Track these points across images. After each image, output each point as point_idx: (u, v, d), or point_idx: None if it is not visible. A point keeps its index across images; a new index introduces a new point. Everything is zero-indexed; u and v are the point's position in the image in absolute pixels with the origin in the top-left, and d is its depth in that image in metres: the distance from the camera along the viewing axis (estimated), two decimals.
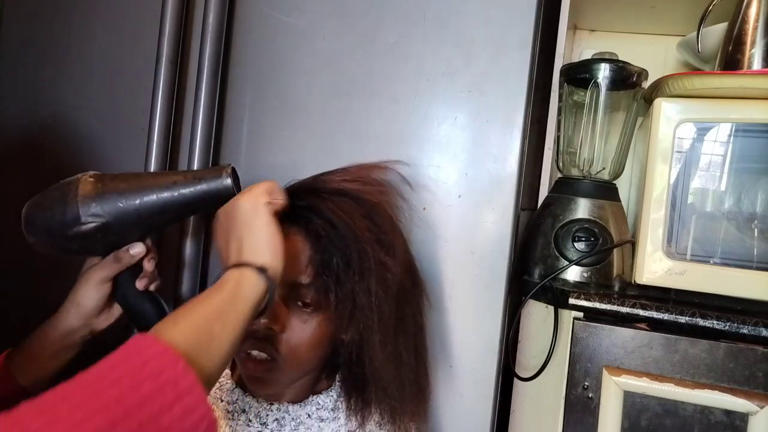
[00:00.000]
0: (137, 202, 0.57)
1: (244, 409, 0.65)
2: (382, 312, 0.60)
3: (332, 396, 0.67)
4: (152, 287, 0.65)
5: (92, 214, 0.56)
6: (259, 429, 0.64)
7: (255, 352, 0.60)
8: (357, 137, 0.78)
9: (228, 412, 0.66)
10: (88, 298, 0.62)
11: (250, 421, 0.64)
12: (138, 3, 0.85)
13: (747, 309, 0.70)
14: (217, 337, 0.45)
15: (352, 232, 0.60)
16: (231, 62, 0.82)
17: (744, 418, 0.65)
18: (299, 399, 0.66)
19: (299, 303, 0.61)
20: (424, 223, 0.76)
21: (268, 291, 0.51)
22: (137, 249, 0.61)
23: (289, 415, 0.65)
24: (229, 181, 0.58)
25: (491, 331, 0.74)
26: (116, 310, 0.65)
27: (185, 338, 0.43)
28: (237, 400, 0.65)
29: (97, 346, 0.65)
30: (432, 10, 0.76)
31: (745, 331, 0.66)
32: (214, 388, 0.67)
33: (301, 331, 0.60)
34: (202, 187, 0.57)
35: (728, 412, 0.66)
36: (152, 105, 0.78)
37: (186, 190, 0.57)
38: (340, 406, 0.67)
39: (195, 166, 0.78)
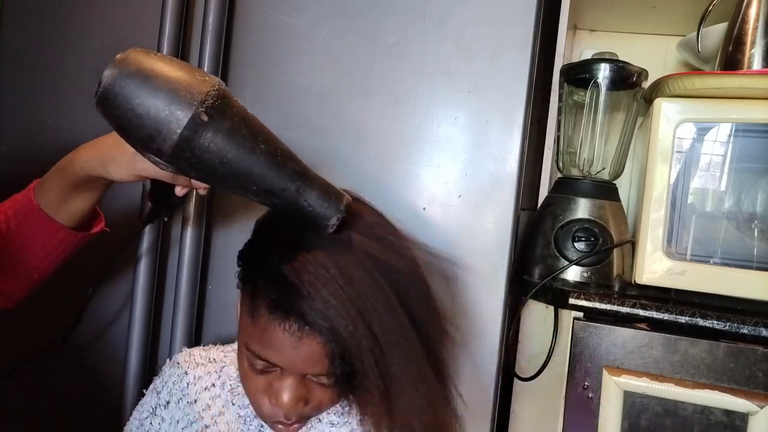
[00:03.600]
0: (231, 170, 0.47)
1: (257, 415, 0.65)
2: (405, 380, 0.55)
3: (343, 401, 0.66)
4: (182, 192, 0.61)
5: (177, 161, 0.46)
6: None
7: (286, 425, 0.59)
8: (357, 137, 0.78)
9: (240, 416, 0.65)
10: (119, 175, 0.57)
11: (262, 426, 0.64)
12: (138, 3, 0.85)
13: (747, 309, 0.70)
14: None
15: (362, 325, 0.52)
16: (231, 62, 0.82)
17: (744, 418, 0.65)
18: None
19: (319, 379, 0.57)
20: (424, 223, 0.76)
21: None
22: (200, 185, 0.57)
23: None
24: (335, 219, 0.50)
25: (491, 331, 0.74)
26: (138, 179, 0.59)
27: None
28: (248, 405, 0.65)
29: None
30: (432, 10, 0.76)
31: (745, 331, 0.66)
32: (227, 392, 0.67)
33: (323, 397, 0.58)
34: (306, 202, 0.49)
35: (728, 412, 0.66)
36: None
37: (285, 195, 0.49)
38: (350, 411, 0.65)
39: None
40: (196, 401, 0.66)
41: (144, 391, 0.71)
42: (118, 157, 0.56)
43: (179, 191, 0.59)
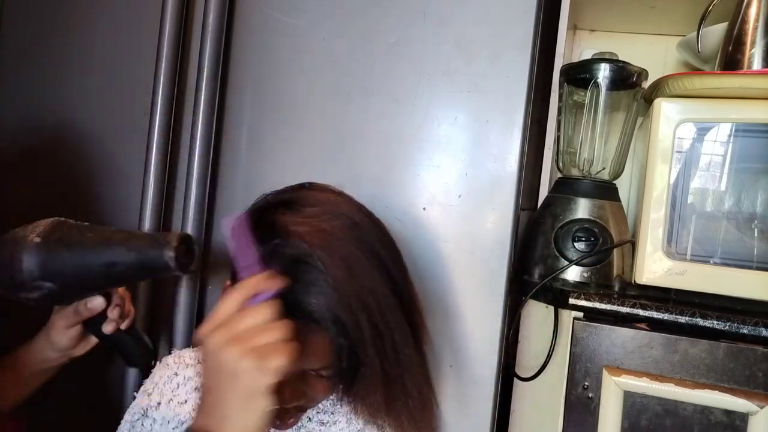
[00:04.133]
0: (79, 270, 0.55)
1: None
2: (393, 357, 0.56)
3: (332, 399, 0.66)
4: (123, 326, 0.64)
5: (36, 284, 0.55)
6: None
7: (282, 417, 0.60)
8: (357, 137, 0.78)
9: None
10: (60, 340, 0.63)
11: None
12: (138, 3, 0.85)
13: (747, 309, 0.70)
14: None
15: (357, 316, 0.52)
16: (231, 62, 0.82)
17: (744, 418, 0.65)
18: None
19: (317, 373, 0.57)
20: (424, 223, 0.76)
21: None
22: (94, 303, 0.60)
23: None
24: (171, 259, 0.53)
25: (491, 331, 0.74)
26: (93, 339, 0.66)
27: None
28: None
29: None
30: (432, 10, 0.76)
31: (745, 331, 0.66)
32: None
33: (321, 388, 0.58)
34: (141, 262, 0.54)
35: (728, 412, 0.66)
36: (152, 105, 0.78)
37: (125, 266, 0.55)
38: (339, 410, 0.66)
39: (195, 166, 0.78)
40: (186, 401, 0.66)
41: (135, 394, 0.71)
42: (52, 328, 0.63)
43: (106, 328, 0.63)
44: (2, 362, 0.64)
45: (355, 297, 0.51)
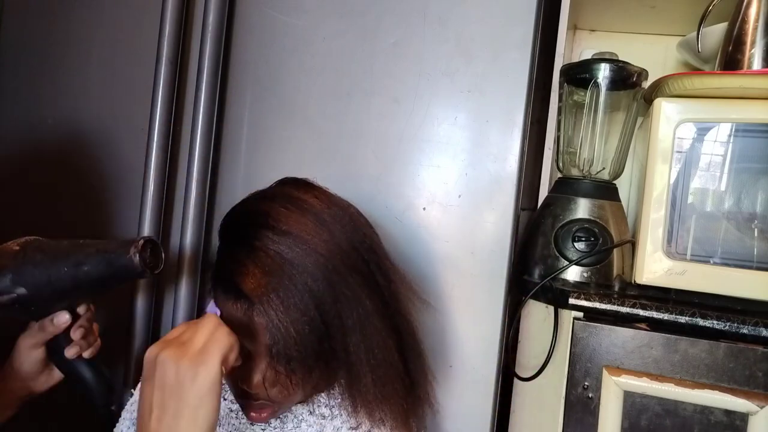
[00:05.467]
0: (50, 275, 0.56)
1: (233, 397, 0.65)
2: (365, 351, 0.57)
3: (334, 393, 0.66)
4: (87, 354, 0.63)
5: (7, 286, 0.56)
6: (263, 427, 0.64)
7: (254, 405, 0.59)
8: (357, 137, 0.78)
9: (231, 411, 0.66)
10: (23, 362, 0.63)
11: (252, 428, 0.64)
12: (138, 3, 0.85)
13: (747, 309, 0.70)
14: None
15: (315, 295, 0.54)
16: (231, 62, 0.82)
17: (744, 418, 0.65)
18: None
19: (283, 362, 0.57)
20: (424, 223, 0.76)
21: None
22: (60, 319, 0.61)
23: (292, 412, 0.65)
24: (136, 259, 0.55)
25: (491, 331, 0.74)
26: (56, 374, 0.65)
27: None
28: None
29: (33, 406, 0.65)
30: (432, 10, 0.76)
31: (745, 331, 0.66)
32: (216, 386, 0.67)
33: (294, 380, 0.57)
34: (110, 264, 0.55)
35: (728, 412, 0.66)
36: (152, 105, 0.78)
37: (96, 267, 0.56)
38: (341, 404, 0.66)
39: (195, 166, 0.78)
40: None
41: (132, 391, 0.71)
42: (15, 352, 0.63)
43: (69, 352, 0.62)
44: None
45: (292, 286, 0.53)
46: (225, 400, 0.66)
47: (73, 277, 0.56)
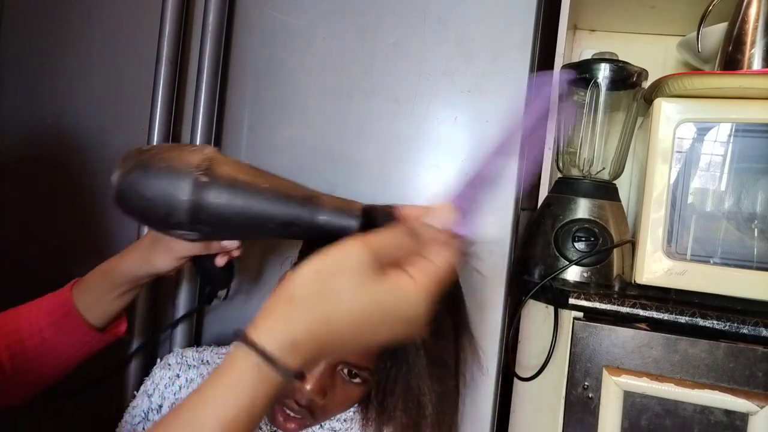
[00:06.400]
0: (245, 221, 0.50)
1: None
2: (429, 405, 0.56)
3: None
4: (233, 256, 0.63)
5: (193, 226, 0.50)
6: None
7: (290, 411, 0.58)
8: (357, 137, 0.78)
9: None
10: (163, 263, 0.60)
11: (260, 428, 0.64)
12: (138, 3, 0.85)
13: (747, 309, 0.70)
14: None
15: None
16: (231, 62, 0.82)
17: (744, 418, 0.65)
18: None
19: (347, 373, 0.57)
20: None
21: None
22: (232, 244, 0.60)
23: None
24: (354, 224, 0.50)
25: (491, 331, 0.74)
26: (180, 262, 0.62)
27: None
28: None
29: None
30: (432, 10, 0.76)
31: (745, 331, 0.66)
32: None
33: (342, 398, 0.58)
34: (323, 219, 0.50)
35: (728, 412, 0.66)
36: (152, 105, 0.78)
37: (305, 222, 0.50)
38: (354, 417, 0.65)
39: None
40: None
41: (135, 392, 0.70)
42: (157, 248, 0.59)
43: (219, 261, 0.62)
44: (90, 280, 0.63)
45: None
46: None
47: (269, 231, 0.51)
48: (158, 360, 0.71)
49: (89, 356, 0.66)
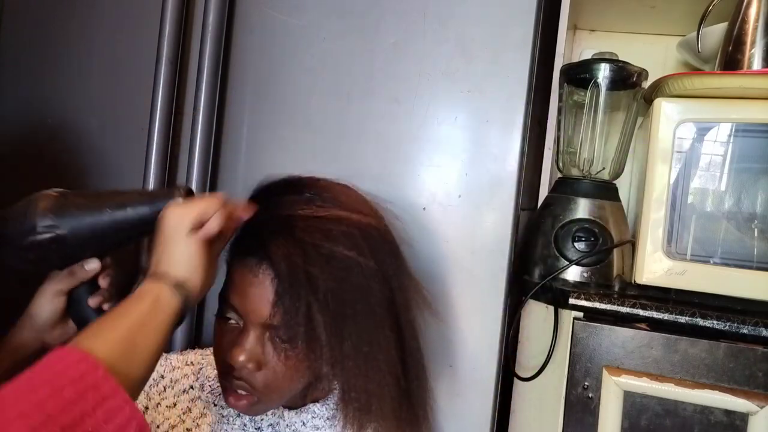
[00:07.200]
0: (92, 217, 0.57)
1: (239, 414, 0.64)
2: (361, 344, 0.56)
3: (329, 405, 0.65)
4: (106, 306, 0.63)
5: (48, 225, 0.57)
6: None
7: (236, 387, 0.58)
8: (357, 137, 0.78)
9: (223, 417, 0.65)
10: (42, 310, 0.62)
11: (245, 425, 0.64)
12: (138, 3, 0.85)
13: (747, 309, 0.70)
14: (139, 346, 0.47)
15: (313, 277, 0.55)
16: (231, 62, 0.82)
17: (744, 418, 0.65)
18: (296, 405, 0.65)
19: (276, 339, 0.57)
20: (425, 223, 0.76)
21: (185, 305, 0.52)
22: (92, 264, 0.61)
23: (284, 420, 0.64)
24: (180, 201, 0.57)
25: (491, 331, 0.74)
26: (70, 327, 0.64)
27: (106, 348, 0.44)
28: None
29: None
30: (432, 10, 0.76)
31: (745, 331, 0.66)
32: (207, 393, 0.67)
33: (279, 366, 0.57)
34: (154, 206, 0.57)
35: (728, 412, 0.66)
36: (152, 105, 0.78)
37: (138, 209, 0.58)
38: (336, 415, 0.64)
39: (195, 166, 0.78)
40: (175, 404, 0.66)
41: None
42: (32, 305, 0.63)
43: (92, 302, 0.63)
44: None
45: (312, 249, 0.55)
46: (216, 405, 0.66)
47: (113, 220, 0.57)
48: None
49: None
